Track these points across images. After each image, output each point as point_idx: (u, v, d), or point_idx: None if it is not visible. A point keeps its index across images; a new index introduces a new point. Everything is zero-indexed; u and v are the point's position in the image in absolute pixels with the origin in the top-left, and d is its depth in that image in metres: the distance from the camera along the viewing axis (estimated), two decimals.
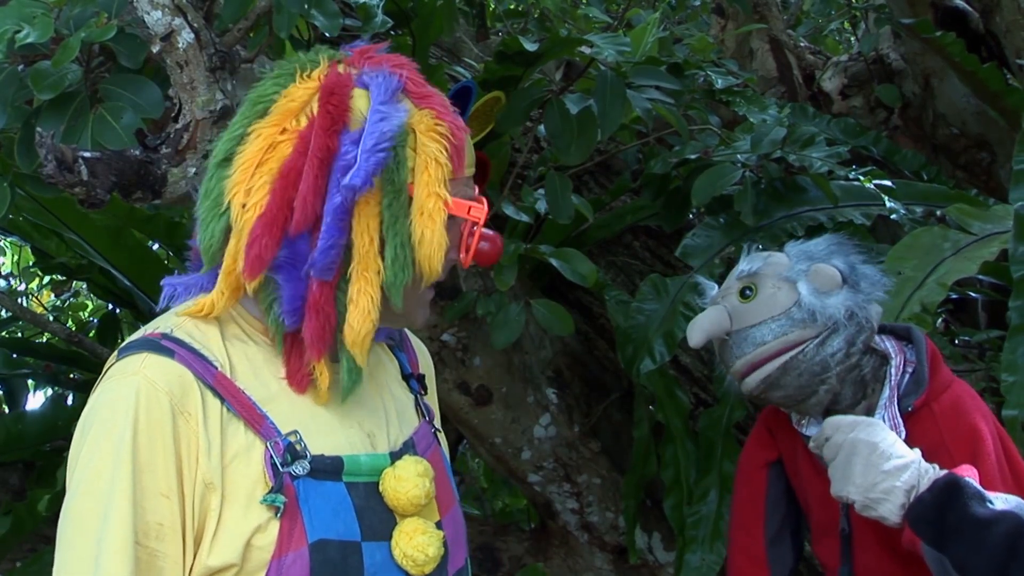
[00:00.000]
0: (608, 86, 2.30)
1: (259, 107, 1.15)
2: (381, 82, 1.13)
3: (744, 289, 1.56)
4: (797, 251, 1.59)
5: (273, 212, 1.10)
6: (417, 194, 1.12)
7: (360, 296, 1.12)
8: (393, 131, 1.10)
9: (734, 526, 1.74)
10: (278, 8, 1.75)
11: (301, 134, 1.12)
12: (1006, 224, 2.19)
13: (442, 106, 1.17)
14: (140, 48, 1.68)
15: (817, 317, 1.51)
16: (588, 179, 3.19)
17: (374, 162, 1.09)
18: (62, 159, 1.54)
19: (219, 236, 1.13)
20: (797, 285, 1.53)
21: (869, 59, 3.69)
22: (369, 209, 1.12)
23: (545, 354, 2.66)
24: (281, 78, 1.16)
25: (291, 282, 1.13)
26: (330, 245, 1.10)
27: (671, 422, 2.48)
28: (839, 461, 1.39)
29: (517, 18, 3.89)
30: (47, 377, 3.58)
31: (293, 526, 1.09)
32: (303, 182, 1.10)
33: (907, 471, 1.34)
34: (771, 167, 2.48)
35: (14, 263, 4.82)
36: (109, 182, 1.61)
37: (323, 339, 1.13)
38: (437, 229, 1.12)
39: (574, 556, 2.74)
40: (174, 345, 1.12)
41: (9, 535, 2.75)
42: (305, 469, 1.11)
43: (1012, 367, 1.85)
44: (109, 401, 1.09)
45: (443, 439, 1.39)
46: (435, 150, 1.13)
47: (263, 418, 1.12)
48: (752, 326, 1.53)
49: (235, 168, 1.13)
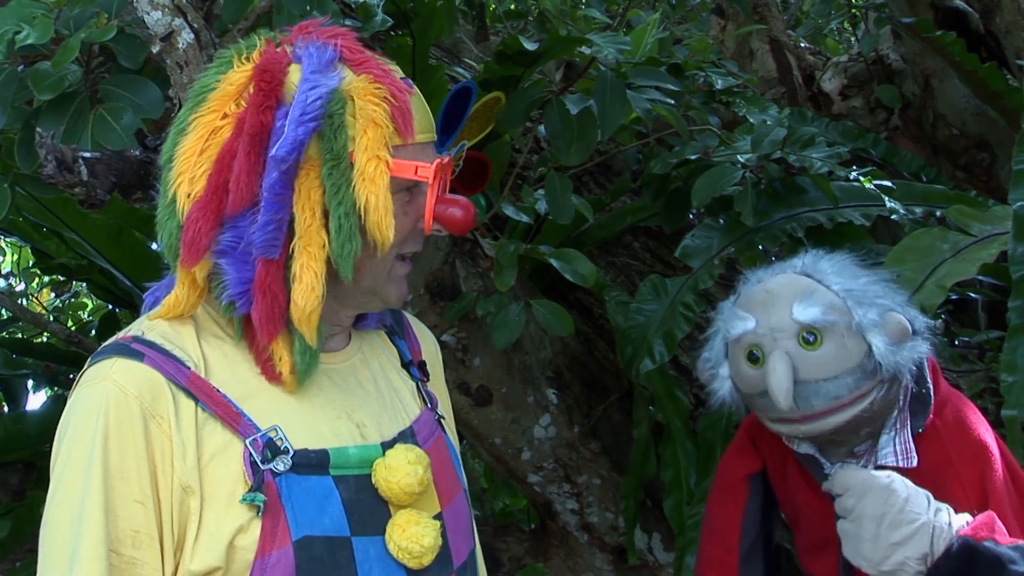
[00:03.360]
0: (608, 86, 2.30)
1: (199, 97, 1.13)
2: (313, 52, 1.11)
3: (806, 335, 1.45)
4: (845, 291, 1.48)
5: (208, 195, 1.08)
6: (358, 159, 1.09)
7: (303, 272, 1.09)
8: (322, 99, 1.08)
9: (707, 537, 1.70)
10: (278, 8, 1.76)
11: (239, 116, 1.09)
12: (1006, 225, 2.18)
13: (380, 70, 1.13)
14: (140, 48, 1.68)
15: (888, 369, 1.45)
16: (588, 179, 3.19)
17: (302, 132, 1.07)
18: (62, 159, 1.54)
19: (176, 233, 1.11)
20: (867, 335, 1.45)
21: (869, 59, 3.69)
22: (309, 181, 1.09)
23: (545, 354, 2.66)
24: (221, 65, 1.14)
25: (236, 265, 1.10)
26: (268, 221, 1.08)
27: (671, 422, 2.48)
28: (850, 530, 1.36)
29: (517, 18, 3.89)
30: (47, 377, 3.58)
31: (276, 524, 1.07)
32: (236, 161, 1.08)
33: (917, 537, 1.31)
34: (771, 168, 2.48)
35: (14, 263, 4.82)
36: (109, 182, 1.61)
37: (272, 320, 1.11)
38: (381, 193, 1.09)
39: (574, 556, 2.74)
40: (144, 348, 1.10)
41: (9, 538, 2.76)
42: (287, 465, 1.09)
43: (1011, 367, 1.85)
44: (80, 408, 1.08)
45: (449, 426, 1.36)
46: (374, 113, 1.10)
47: (239, 415, 1.10)
48: (826, 380, 1.44)
49: (178, 157, 1.11)
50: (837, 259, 1.55)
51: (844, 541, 1.37)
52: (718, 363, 1.56)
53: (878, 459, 1.50)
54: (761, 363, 1.46)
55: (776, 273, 1.55)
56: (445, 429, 1.33)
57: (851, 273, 1.52)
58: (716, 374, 1.56)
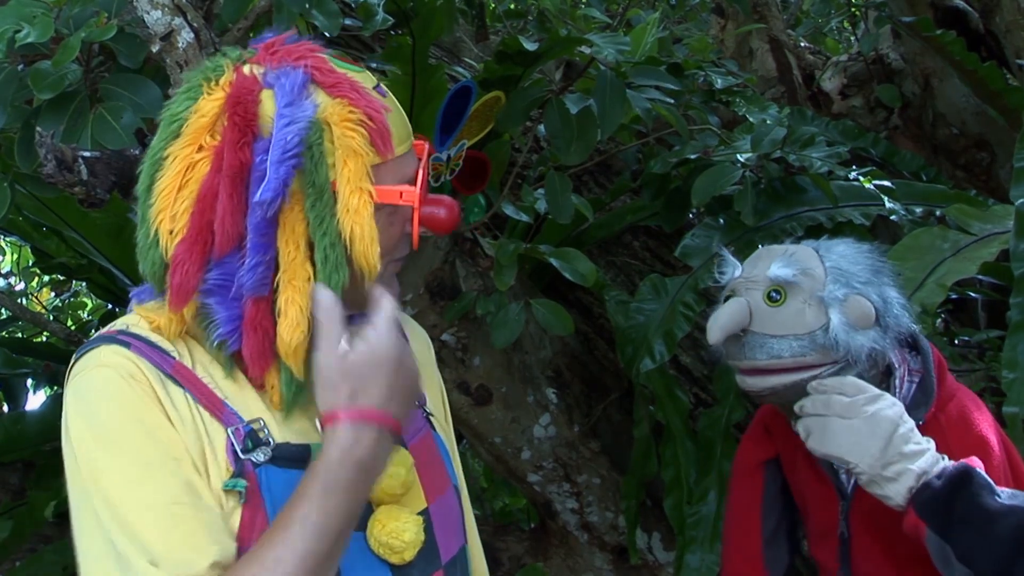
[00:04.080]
0: (608, 86, 2.30)
1: (173, 127, 1.11)
2: (285, 82, 1.09)
3: (772, 291, 1.51)
4: (835, 268, 1.52)
5: (193, 236, 1.08)
6: (341, 191, 1.08)
7: (288, 306, 1.08)
8: (299, 135, 1.06)
9: (729, 524, 1.73)
10: (278, 8, 1.76)
11: (216, 150, 1.08)
12: (1006, 224, 2.19)
13: (354, 91, 1.11)
14: (140, 48, 1.68)
15: (840, 349, 1.46)
16: (588, 179, 3.19)
17: (284, 171, 1.05)
18: (62, 159, 1.54)
19: (158, 263, 1.11)
20: (829, 310, 1.48)
21: (869, 59, 3.69)
22: (294, 215, 1.08)
23: (545, 354, 2.66)
24: (191, 91, 1.12)
25: (225, 304, 1.10)
26: (257, 262, 1.07)
27: (671, 422, 2.48)
28: (856, 426, 1.36)
29: (517, 18, 3.89)
30: (47, 377, 3.58)
31: (255, 515, 1.07)
32: (219, 202, 1.07)
33: (923, 457, 1.34)
34: (771, 167, 2.48)
35: (14, 262, 4.82)
36: (109, 181, 1.61)
37: (263, 355, 1.11)
38: (366, 224, 1.08)
39: (574, 556, 2.74)
40: (130, 339, 1.11)
41: (10, 539, 2.76)
42: (266, 456, 1.09)
43: (1013, 364, 1.85)
44: (83, 398, 1.08)
45: (439, 423, 1.36)
46: (352, 141, 1.08)
47: (223, 405, 1.10)
48: (772, 336, 1.48)
49: (156, 194, 1.10)
50: (857, 246, 1.57)
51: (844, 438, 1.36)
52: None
53: None
54: None
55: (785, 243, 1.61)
56: (434, 426, 1.33)
57: (854, 259, 1.54)
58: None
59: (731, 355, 1.55)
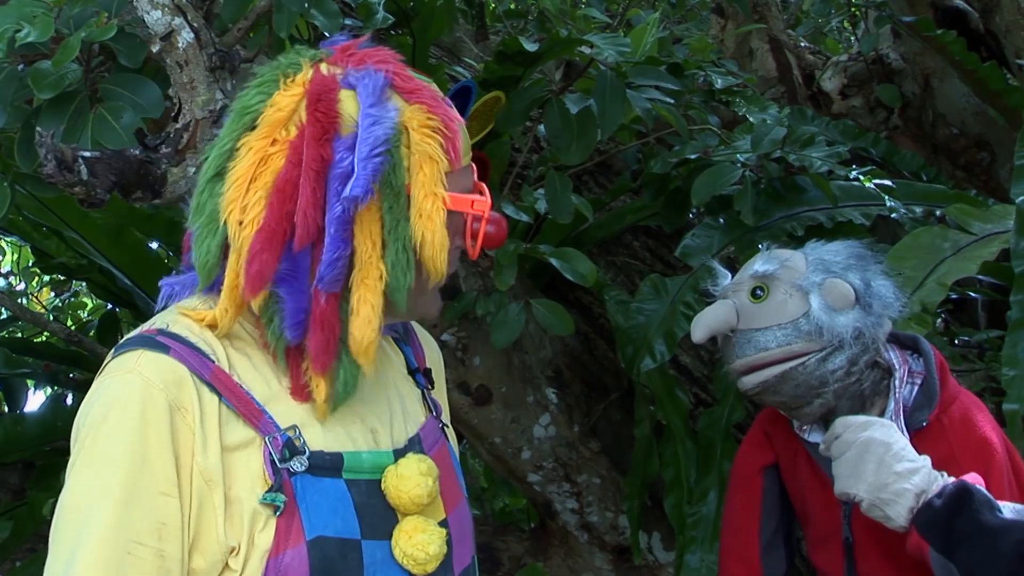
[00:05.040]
0: (608, 86, 2.30)
1: (246, 118, 1.12)
2: (368, 83, 1.11)
3: (756, 288, 1.54)
4: (815, 258, 1.56)
5: (272, 227, 1.08)
6: (415, 195, 1.10)
7: (361, 305, 1.10)
8: (387, 134, 1.08)
9: (727, 530, 1.73)
10: (278, 7, 1.76)
11: (292, 144, 1.09)
12: (1006, 224, 2.19)
13: (432, 99, 1.14)
14: (140, 48, 1.68)
15: (824, 333, 1.49)
16: (588, 179, 3.19)
17: (371, 169, 1.07)
18: (62, 159, 1.54)
19: (215, 252, 1.11)
20: (809, 296, 1.51)
21: (869, 59, 3.69)
22: (371, 215, 1.10)
23: (545, 354, 2.66)
24: (265, 86, 1.13)
25: (294, 295, 1.11)
26: (336, 257, 1.09)
27: (671, 422, 2.48)
28: (849, 458, 1.39)
29: (517, 18, 3.89)
30: (47, 377, 3.58)
31: (291, 523, 1.08)
32: (301, 195, 1.08)
33: (918, 475, 1.34)
34: (771, 167, 2.48)
35: (14, 262, 4.82)
36: (109, 182, 1.61)
37: (328, 351, 1.11)
38: (437, 230, 1.10)
39: (574, 556, 2.74)
40: (170, 341, 1.10)
41: (10, 540, 2.76)
42: (303, 465, 1.09)
43: (1013, 361, 1.85)
44: (105, 399, 1.08)
45: (451, 434, 1.38)
46: (429, 147, 1.11)
47: (261, 413, 1.11)
48: (757, 329, 1.52)
49: (228, 184, 1.10)
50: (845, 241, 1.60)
51: (840, 476, 1.39)
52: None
53: None
54: None
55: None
56: (448, 437, 1.35)
57: (836, 250, 1.58)
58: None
59: (726, 359, 1.58)
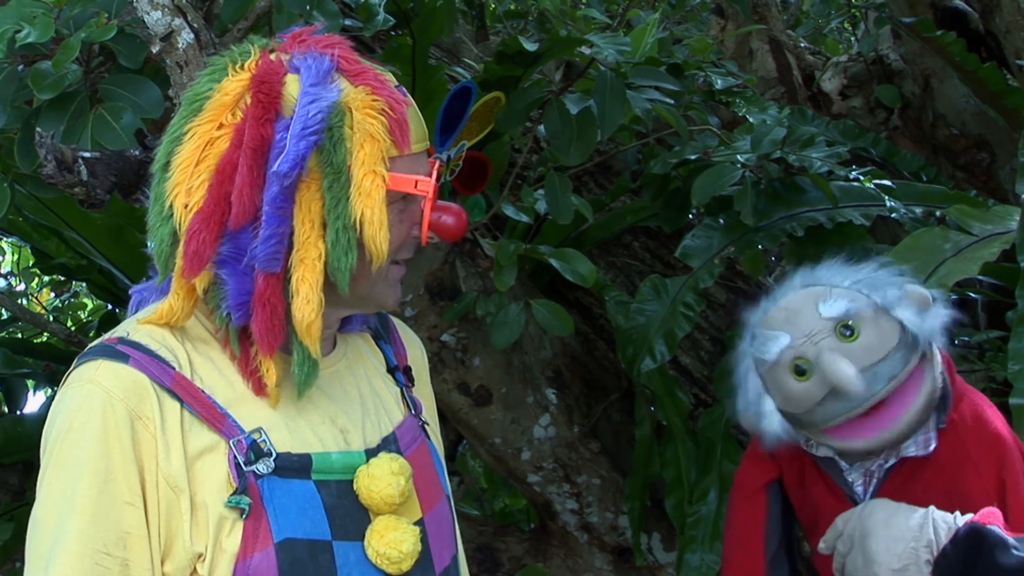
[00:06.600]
0: (608, 86, 2.30)
1: (195, 105, 1.12)
2: (312, 64, 1.11)
3: (843, 329, 1.44)
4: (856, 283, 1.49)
5: (210, 207, 1.08)
6: (355, 173, 1.09)
7: (301, 284, 1.10)
8: (323, 112, 1.08)
9: (730, 545, 1.70)
10: (278, 8, 1.76)
11: (237, 127, 1.09)
12: (1006, 225, 2.19)
13: (377, 81, 1.14)
14: (140, 48, 1.69)
15: (920, 339, 1.45)
16: (588, 179, 3.19)
17: (304, 146, 1.07)
18: (62, 159, 1.54)
19: (167, 240, 1.11)
20: (894, 312, 1.45)
21: (869, 59, 3.69)
22: (311, 194, 1.10)
23: (545, 354, 2.66)
24: (215, 73, 1.13)
25: (236, 276, 1.10)
26: (270, 235, 1.08)
27: (671, 422, 2.48)
28: (857, 546, 1.38)
29: (517, 18, 3.88)
30: (47, 377, 3.58)
31: (258, 526, 1.07)
32: (238, 175, 1.08)
33: (922, 529, 1.33)
34: (771, 167, 2.48)
35: (14, 263, 4.81)
36: (109, 182, 1.61)
37: (272, 332, 1.11)
38: (376, 208, 1.09)
39: (574, 556, 2.74)
40: (130, 349, 1.10)
41: (11, 541, 2.76)
42: (269, 467, 1.09)
43: (1018, 355, 1.84)
44: (66, 410, 1.09)
45: (434, 432, 1.36)
46: (371, 127, 1.10)
47: (224, 417, 1.10)
48: (876, 363, 1.42)
49: (174, 168, 1.10)
50: (827, 264, 1.54)
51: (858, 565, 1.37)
52: (758, 402, 1.52)
53: (901, 452, 1.50)
54: (810, 373, 1.43)
55: (779, 298, 1.52)
56: (429, 435, 1.33)
57: (850, 270, 1.53)
58: (761, 413, 1.52)
59: (832, 413, 1.44)
